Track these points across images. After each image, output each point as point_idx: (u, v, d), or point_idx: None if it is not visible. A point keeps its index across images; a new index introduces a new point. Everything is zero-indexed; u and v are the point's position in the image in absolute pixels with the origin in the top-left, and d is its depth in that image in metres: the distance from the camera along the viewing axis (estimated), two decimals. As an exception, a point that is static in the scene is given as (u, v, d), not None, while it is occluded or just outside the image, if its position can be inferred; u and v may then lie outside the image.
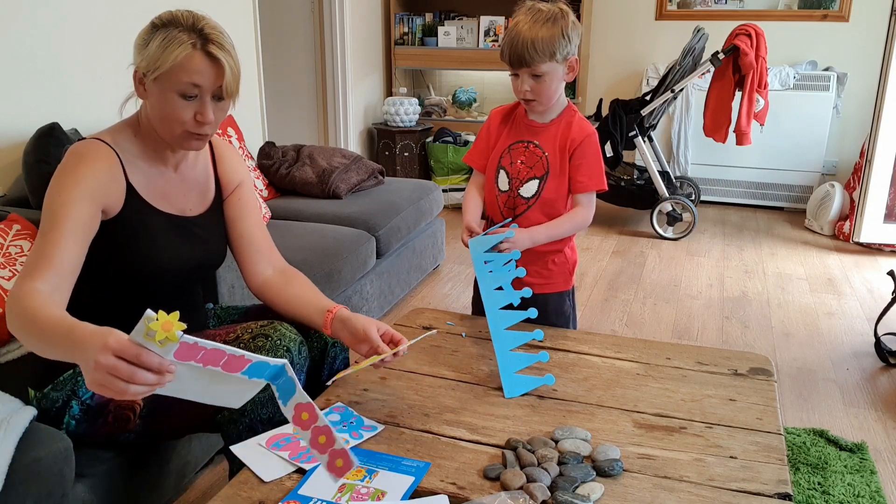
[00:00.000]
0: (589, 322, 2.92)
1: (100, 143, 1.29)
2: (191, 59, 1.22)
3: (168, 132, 1.29)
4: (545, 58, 1.53)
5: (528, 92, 1.58)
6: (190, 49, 1.21)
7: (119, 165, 1.30)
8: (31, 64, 2.25)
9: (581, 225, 1.68)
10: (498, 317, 1.45)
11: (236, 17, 3.25)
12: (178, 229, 1.39)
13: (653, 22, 4.83)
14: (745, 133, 3.80)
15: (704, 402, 1.34)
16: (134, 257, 1.33)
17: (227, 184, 1.50)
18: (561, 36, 1.53)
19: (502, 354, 1.41)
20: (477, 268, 1.53)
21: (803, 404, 2.30)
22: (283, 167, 3.15)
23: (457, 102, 5.10)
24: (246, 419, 1.27)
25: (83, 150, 1.28)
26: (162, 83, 1.24)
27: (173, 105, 1.25)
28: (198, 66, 1.22)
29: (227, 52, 1.25)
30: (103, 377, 0.90)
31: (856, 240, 3.86)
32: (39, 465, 1.19)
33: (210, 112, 1.26)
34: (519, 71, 1.57)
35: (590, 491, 1.05)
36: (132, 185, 1.32)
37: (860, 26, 4.41)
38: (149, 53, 1.23)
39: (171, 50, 1.21)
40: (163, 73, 1.22)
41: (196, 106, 1.26)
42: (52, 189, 1.25)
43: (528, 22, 1.53)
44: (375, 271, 2.77)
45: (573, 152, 1.64)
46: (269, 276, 1.48)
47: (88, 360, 0.93)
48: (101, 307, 1.30)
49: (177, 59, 1.21)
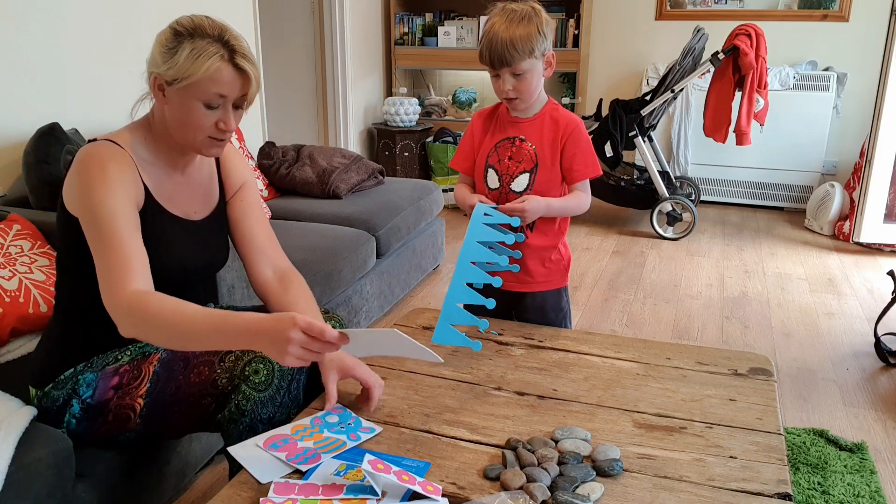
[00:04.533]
0: (589, 322, 2.92)
1: (113, 146, 1.29)
2: (220, 72, 1.23)
3: (188, 138, 1.30)
4: (525, 56, 1.56)
5: (511, 91, 1.60)
6: (219, 61, 1.23)
7: (135, 167, 1.31)
8: (32, 64, 2.25)
9: (583, 206, 1.73)
10: (466, 270, 1.48)
11: (236, 18, 3.25)
12: (184, 232, 1.40)
13: (653, 22, 4.83)
14: (745, 133, 3.80)
15: (704, 402, 1.34)
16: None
17: (230, 185, 1.51)
18: (537, 33, 1.56)
19: (450, 304, 1.44)
20: (473, 221, 1.54)
21: (803, 404, 2.30)
22: (283, 167, 3.15)
23: (457, 102, 5.10)
24: (246, 419, 1.27)
25: (103, 152, 1.27)
26: (187, 92, 1.24)
27: (197, 114, 1.26)
28: (227, 79, 1.24)
29: (253, 65, 1.28)
30: (299, 350, 1.07)
31: (856, 240, 3.85)
32: (39, 465, 1.19)
33: (233, 121, 1.29)
34: (500, 71, 1.59)
35: (590, 491, 1.05)
36: (147, 186, 1.33)
37: (860, 26, 4.41)
38: (177, 63, 1.22)
39: (202, 62, 1.22)
40: (191, 83, 1.23)
41: (218, 114, 1.27)
42: (89, 198, 1.24)
43: (504, 22, 1.56)
44: (375, 271, 2.77)
45: (565, 143, 1.67)
46: (269, 279, 1.48)
47: (276, 337, 1.07)
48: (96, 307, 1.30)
49: (208, 72, 1.22)
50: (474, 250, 1.51)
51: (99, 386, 1.32)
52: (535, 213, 1.62)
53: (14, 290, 1.68)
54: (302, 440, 1.19)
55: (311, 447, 1.17)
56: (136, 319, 1.18)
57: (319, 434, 1.21)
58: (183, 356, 1.32)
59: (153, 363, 1.33)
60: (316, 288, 2.27)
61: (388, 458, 1.14)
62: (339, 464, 1.12)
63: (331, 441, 1.19)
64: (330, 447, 1.17)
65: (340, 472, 1.10)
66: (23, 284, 1.70)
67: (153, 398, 1.30)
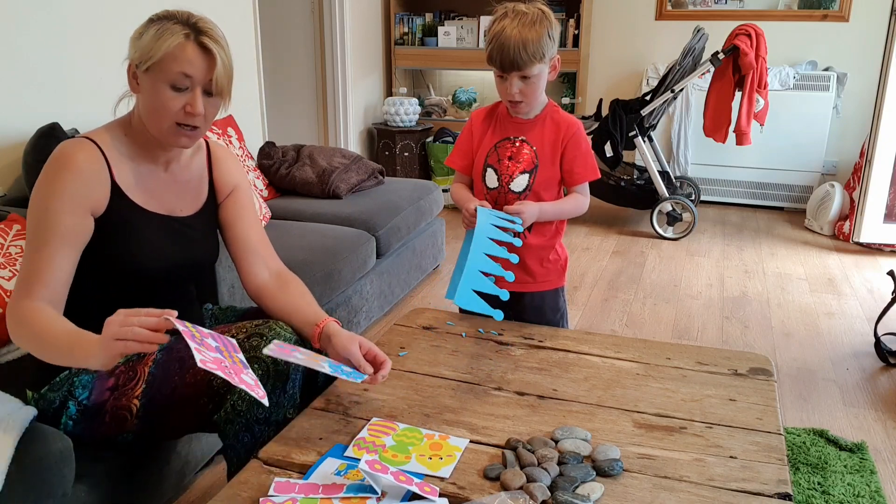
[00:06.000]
0: (589, 322, 2.92)
1: (85, 142, 1.30)
2: (183, 49, 1.24)
3: (157, 125, 1.30)
4: (536, 60, 1.55)
5: (517, 94, 1.60)
6: (182, 39, 1.24)
7: (104, 165, 1.31)
8: (31, 64, 2.25)
9: (580, 209, 1.73)
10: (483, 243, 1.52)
11: (236, 17, 3.25)
12: (165, 229, 1.40)
13: (653, 22, 4.83)
14: (745, 133, 3.80)
15: (704, 402, 1.34)
16: (118, 256, 1.34)
17: (222, 187, 1.51)
18: (548, 37, 1.56)
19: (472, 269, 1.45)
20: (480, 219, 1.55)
21: (803, 404, 2.30)
22: (283, 167, 3.15)
23: (457, 102, 5.10)
24: (242, 419, 1.27)
25: (67, 152, 1.28)
26: (154, 74, 1.25)
27: (164, 96, 1.26)
28: (189, 56, 1.24)
29: (220, 46, 1.27)
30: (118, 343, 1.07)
31: (856, 240, 3.85)
32: (39, 465, 1.19)
33: (200, 104, 1.27)
34: (508, 74, 1.58)
35: (590, 491, 1.05)
36: (117, 184, 1.33)
37: (860, 26, 4.41)
38: (142, 44, 1.25)
39: (164, 39, 1.23)
40: (155, 62, 1.24)
41: (186, 97, 1.27)
42: (37, 198, 1.27)
43: (516, 26, 1.55)
44: (375, 271, 2.77)
45: (566, 146, 1.68)
46: (265, 280, 1.48)
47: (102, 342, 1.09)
48: (87, 305, 1.31)
49: (169, 48, 1.23)
50: (485, 244, 1.52)
51: (95, 387, 1.32)
52: (528, 218, 1.63)
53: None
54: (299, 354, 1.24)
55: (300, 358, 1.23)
56: (17, 333, 1.23)
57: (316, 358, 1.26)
58: (178, 357, 1.32)
59: (148, 364, 1.32)
60: (316, 288, 2.27)
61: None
62: (339, 463, 1.12)
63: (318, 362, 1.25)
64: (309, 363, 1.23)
65: (341, 472, 1.10)
66: (23, 284, 1.70)
67: (149, 399, 1.30)
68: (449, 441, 1.19)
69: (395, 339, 1.60)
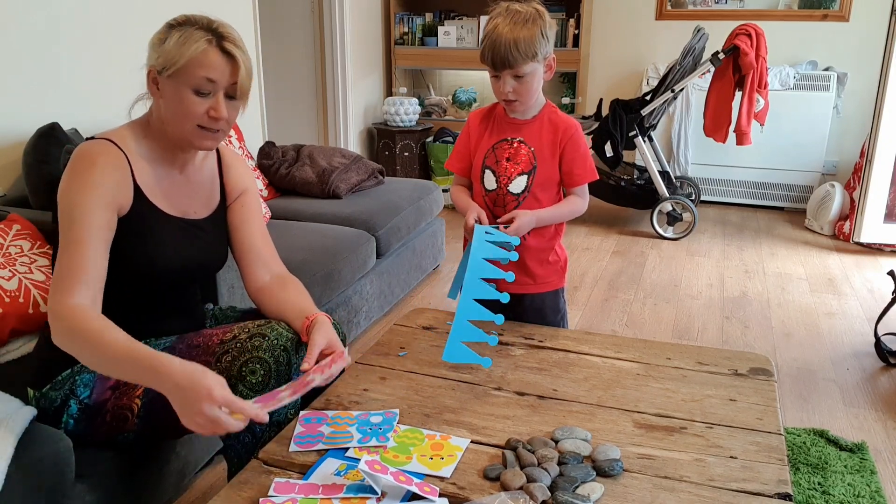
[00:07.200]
0: (589, 322, 2.92)
1: (108, 144, 1.31)
2: (207, 55, 1.25)
3: (180, 129, 1.31)
4: (527, 58, 1.55)
5: (511, 93, 1.60)
6: (206, 45, 1.25)
7: (127, 166, 1.31)
8: (32, 64, 2.25)
9: (578, 211, 1.73)
10: (475, 286, 1.47)
11: (236, 18, 3.25)
12: (180, 231, 1.40)
13: (653, 22, 4.83)
14: (745, 133, 3.80)
15: (705, 402, 1.34)
16: (135, 257, 1.34)
17: (231, 190, 1.52)
18: (540, 36, 1.55)
19: (460, 321, 1.43)
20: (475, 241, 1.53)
21: (803, 404, 2.30)
22: (283, 167, 3.15)
23: (457, 102, 5.10)
24: (241, 419, 1.27)
25: (93, 151, 1.29)
26: (177, 79, 1.26)
27: (188, 101, 1.27)
28: (213, 62, 1.26)
29: (242, 50, 1.29)
30: (206, 422, 1.08)
31: (856, 240, 3.85)
32: (39, 465, 1.19)
33: (223, 108, 1.29)
34: (501, 73, 1.58)
35: (590, 491, 1.05)
36: (139, 185, 1.33)
37: (860, 26, 4.40)
38: (165, 50, 1.26)
39: (188, 46, 1.24)
40: (179, 68, 1.25)
41: (210, 102, 1.28)
42: (68, 194, 1.26)
43: (508, 24, 1.54)
44: (375, 271, 2.77)
45: (564, 147, 1.67)
46: (266, 283, 1.49)
47: (187, 400, 1.09)
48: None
49: (194, 54, 1.24)
50: (480, 267, 1.50)
51: (96, 386, 1.32)
52: (525, 228, 1.62)
53: (14, 290, 1.68)
54: (327, 424, 1.23)
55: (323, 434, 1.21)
56: (67, 332, 1.20)
57: (344, 426, 1.23)
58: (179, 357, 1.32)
59: None
60: (316, 288, 2.27)
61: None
62: (339, 463, 1.12)
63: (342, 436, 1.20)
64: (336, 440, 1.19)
65: (340, 472, 1.10)
66: (22, 284, 1.70)
67: (150, 398, 1.30)
68: (450, 441, 1.19)
69: (395, 339, 1.60)
